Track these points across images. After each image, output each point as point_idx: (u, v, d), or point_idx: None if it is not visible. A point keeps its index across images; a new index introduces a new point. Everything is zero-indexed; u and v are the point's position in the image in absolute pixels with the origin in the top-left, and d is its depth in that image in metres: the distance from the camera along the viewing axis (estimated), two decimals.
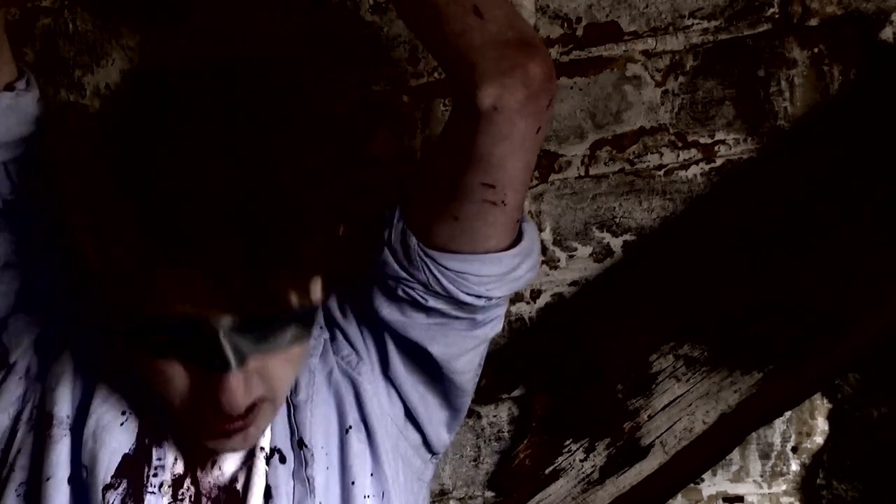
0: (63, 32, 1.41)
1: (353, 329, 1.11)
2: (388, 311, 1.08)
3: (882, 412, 1.23)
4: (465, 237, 1.03)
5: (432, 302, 1.05)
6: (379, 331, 1.10)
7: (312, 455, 1.04)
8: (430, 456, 1.17)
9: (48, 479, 0.98)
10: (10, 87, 1.02)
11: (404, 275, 1.05)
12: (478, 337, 1.11)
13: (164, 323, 0.91)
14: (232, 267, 0.87)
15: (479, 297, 1.06)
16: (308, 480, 1.03)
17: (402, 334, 1.09)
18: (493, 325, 1.12)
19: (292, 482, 1.03)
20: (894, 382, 1.23)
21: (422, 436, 1.15)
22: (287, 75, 0.98)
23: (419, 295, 1.05)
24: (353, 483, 1.05)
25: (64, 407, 1.01)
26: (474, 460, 1.34)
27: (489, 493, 1.34)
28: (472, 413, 1.34)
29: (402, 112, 1.33)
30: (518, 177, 1.02)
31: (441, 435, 1.16)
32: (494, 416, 1.34)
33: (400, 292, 1.06)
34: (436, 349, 1.09)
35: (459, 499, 1.34)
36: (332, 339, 1.11)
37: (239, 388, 0.93)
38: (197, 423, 0.97)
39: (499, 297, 1.08)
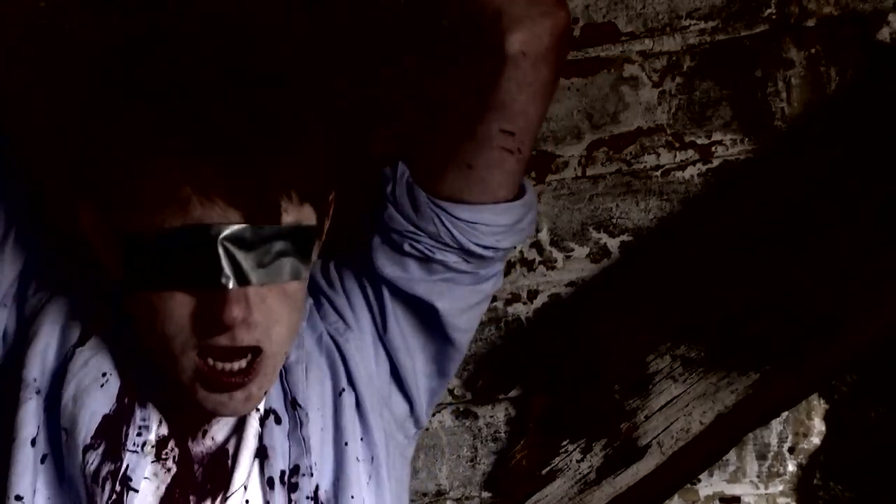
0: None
1: (339, 298, 1.11)
2: (392, 269, 1.08)
3: (879, 413, 1.23)
4: (478, 186, 1.05)
5: (439, 255, 1.06)
6: (378, 291, 1.10)
7: (307, 415, 1.04)
8: (413, 430, 1.17)
9: (13, 441, 0.97)
10: None
11: (411, 228, 1.06)
12: (482, 291, 1.12)
13: (163, 236, 0.90)
14: (230, 171, 0.88)
15: (487, 247, 1.07)
16: (304, 440, 1.02)
17: (406, 291, 1.09)
18: (495, 281, 1.13)
19: (287, 442, 1.03)
20: (891, 383, 1.23)
21: (409, 404, 1.14)
22: None
23: (426, 248, 1.06)
24: (346, 444, 1.05)
25: (33, 369, 1.00)
26: (471, 461, 1.34)
27: (486, 494, 1.34)
28: (469, 413, 1.34)
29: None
30: (535, 124, 1.05)
31: (425, 404, 1.16)
32: (491, 417, 1.34)
33: (406, 247, 1.07)
34: (442, 304, 1.09)
35: (456, 499, 1.34)
36: (318, 306, 1.11)
37: (241, 304, 0.92)
38: (198, 376, 0.96)
39: (505, 249, 1.10)
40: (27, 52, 0.99)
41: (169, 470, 1.00)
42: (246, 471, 1.00)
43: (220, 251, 0.90)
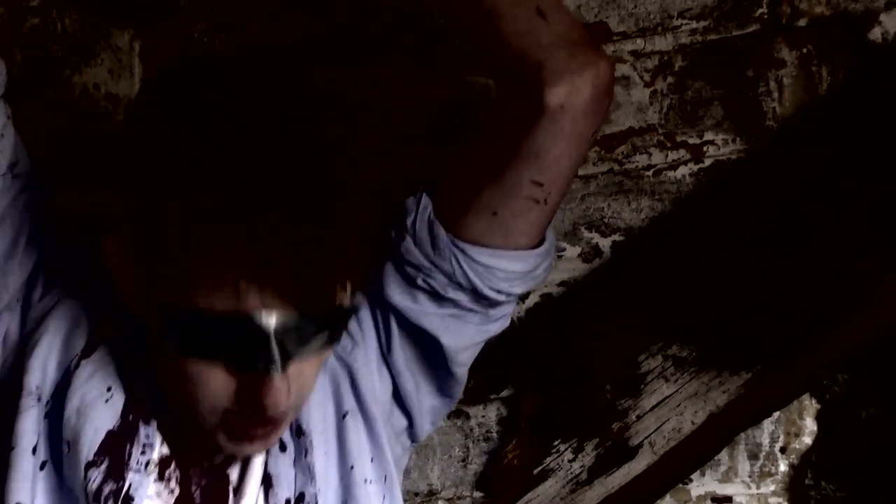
0: (51, 32, 1.41)
1: None
2: (402, 298, 1.08)
3: (870, 412, 1.23)
4: (500, 232, 1.04)
5: (451, 293, 1.06)
6: (386, 315, 1.10)
7: (311, 442, 1.04)
8: (409, 443, 1.17)
9: (12, 449, 0.96)
10: None
11: (427, 264, 1.06)
12: (488, 331, 1.13)
13: (209, 318, 0.89)
14: (288, 260, 0.86)
15: (500, 292, 1.07)
16: (309, 468, 1.02)
17: (412, 322, 1.09)
18: (502, 322, 1.14)
19: (293, 470, 1.02)
20: (883, 383, 1.23)
21: (408, 421, 1.14)
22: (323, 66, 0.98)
23: (439, 285, 1.06)
24: (351, 467, 1.04)
25: (35, 377, 0.98)
26: (463, 461, 1.34)
27: (478, 494, 1.34)
28: (460, 413, 1.34)
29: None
30: (567, 177, 1.05)
31: (426, 423, 1.16)
32: (483, 417, 1.34)
33: (420, 281, 1.06)
34: (447, 340, 1.09)
35: (448, 499, 1.34)
36: None
37: (283, 391, 0.91)
38: (223, 426, 0.95)
39: (517, 295, 1.10)
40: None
41: (172, 491, 1.00)
42: (252, 499, 1.00)
43: (271, 339, 0.89)
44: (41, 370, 0.99)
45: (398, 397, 1.13)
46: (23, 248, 1.02)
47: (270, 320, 0.88)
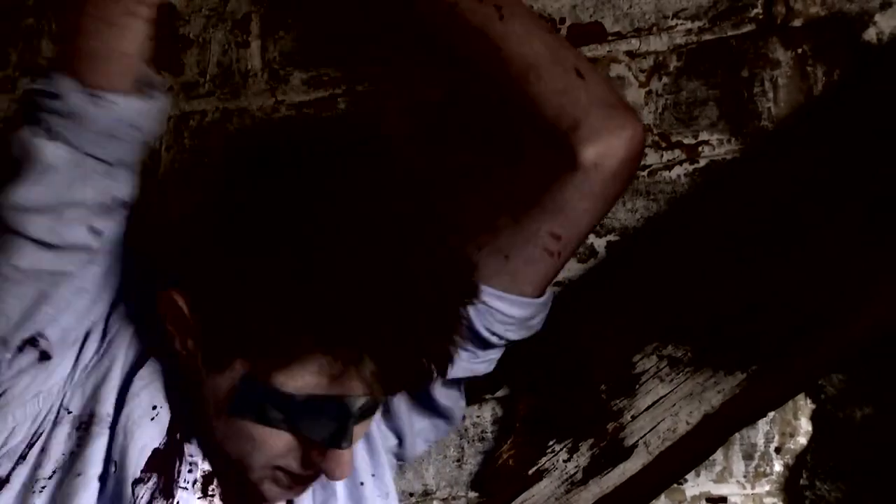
0: (48, 32, 1.41)
1: None
2: None
3: (865, 413, 1.23)
4: (507, 277, 1.06)
5: None
6: None
7: None
8: (395, 462, 1.17)
9: (79, 476, 0.96)
10: (152, 86, 0.97)
11: None
12: (473, 371, 1.13)
13: (294, 397, 0.90)
14: (394, 351, 0.87)
15: (495, 334, 1.08)
16: (328, 483, 1.03)
17: None
18: (488, 365, 1.14)
19: (316, 485, 1.03)
20: (877, 383, 1.23)
21: (398, 440, 1.15)
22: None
23: None
24: (361, 484, 1.05)
25: (107, 405, 0.98)
26: (458, 461, 1.34)
27: (472, 494, 1.33)
28: None
29: None
30: (584, 234, 1.08)
31: (418, 443, 1.16)
32: (478, 417, 1.34)
33: None
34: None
35: (443, 499, 1.34)
36: None
37: (350, 460, 0.93)
38: (271, 478, 0.97)
39: (511, 341, 1.11)
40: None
41: None
42: None
43: (352, 421, 0.91)
44: (113, 398, 0.99)
45: (387, 416, 1.13)
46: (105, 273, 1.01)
47: (357, 404, 0.90)
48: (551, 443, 1.28)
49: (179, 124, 1.40)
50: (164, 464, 0.97)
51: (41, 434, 0.98)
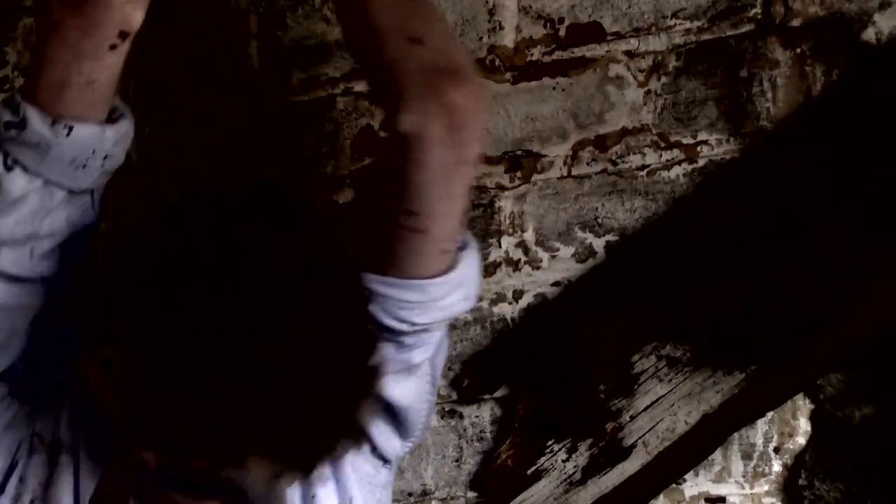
0: None
1: None
2: None
3: (864, 413, 1.23)
4: (388, 261, 1.01)
5: None
6: None
7: None
8: (380, 463, 1.15)
9: None
10: (121, 114, 0.96)
11: None
12: (407, 361, 1.08)
13: (199, 479, 0.89)
14: (285, 451, 0.86)
15: (401, 321, 1.03)
16: (277, 497, 1.02)
17: None
18: (423, 351, 1.08)
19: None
20: (876, 383, 1.23)
21: (369, 443, 1.13)
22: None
23: None
24: (313, 497, 1.04)
25: (65, 428, 0.99)
26: (456, 461, 1.34)
27: (471, 494, 1.33)
28: (454, 413, 1.34)
29: None
30: (441, 208, 0.99)
31: (394, 445, 1.14)
32: (477, 417, 1.34)
33: None
34: None
35: (441, 499, 1.34)
36: None
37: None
38: None
39: (424, 324, 1.05)
40: None
41: None
42: None
43: (259, 499, 0.89)
44: (67, 420, 1.00)
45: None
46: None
47: (256, 487, 0.88)
48: (550, 443, 1.28)
49: None
50: (116, 486, 0.97)
51: (17, 463, 0.98)
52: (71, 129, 0.88)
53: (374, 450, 1.12)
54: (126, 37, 0.89)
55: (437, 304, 1.04)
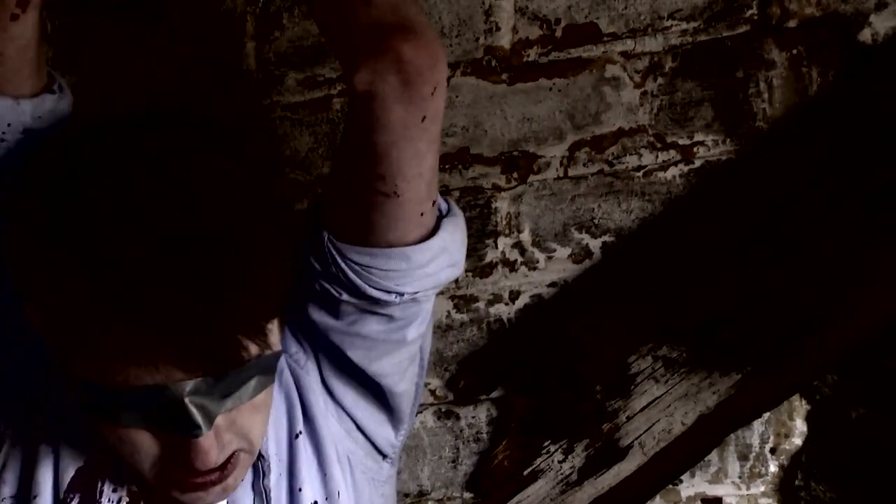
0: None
1: (300, 325, 1.07)
2: (315, 312, 1.04)
3: (860, 413, 1.23)
4: (366, 230, 0.98)
5: (346, 296, 1.01)
6: (312, 335, 1.07)
7: (269, 465, 1.02)
8: (381, 457, 1.15)
9: (35, 497, 0.96)
10: (49, 90, 0.95)
11: (319, 269, 1.01)
12: (397, 339, 1.06)
13: (125, 393, 0.87)
14: (189, 326, 0.83)
15: (388, 291, 1.00)
16: (265, 491, 1.01)
17: (327, 338, 1.05)
18: (417, 325, 1.06)
19: (252, 494, 1.01)
20: (872, 384, 1.23)
21: (366, 439, 1.12)
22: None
23: (334, 290, 1.00)
24: (300, 490, 1.03)
25: (45, 419, 0.99)
26: (453, 461, 1.34)
27: (468, 494, 1.33)
28: (450, 414, 1.34)
29: None
30: (408, 168, 0.96)
31: (388, 436, 1.13)
32: (473, 418, 1.33)
33: (318, 287, 1.01)
34: (353, 354, 1.04)
35: (438, 500, 1.34)
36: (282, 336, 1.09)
37: (212, 449, 0.89)
38: (170, 483, 0.93)
39: (412, 293, 1.02)
40: None
41: None
42: None
43: (189, 405, 0.87)
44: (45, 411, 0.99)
45: (347, 413, 1.11)
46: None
47: (183, 389, 0.86)
48: (546, 443, 1.28)
49: None
50: (87, 483, 0.96)
51: (0, 449, 0.99)
52: None
53: (368, 438, 1.11)
54: (26, 5, 0.88)
55: (421, 270, 1.01)
